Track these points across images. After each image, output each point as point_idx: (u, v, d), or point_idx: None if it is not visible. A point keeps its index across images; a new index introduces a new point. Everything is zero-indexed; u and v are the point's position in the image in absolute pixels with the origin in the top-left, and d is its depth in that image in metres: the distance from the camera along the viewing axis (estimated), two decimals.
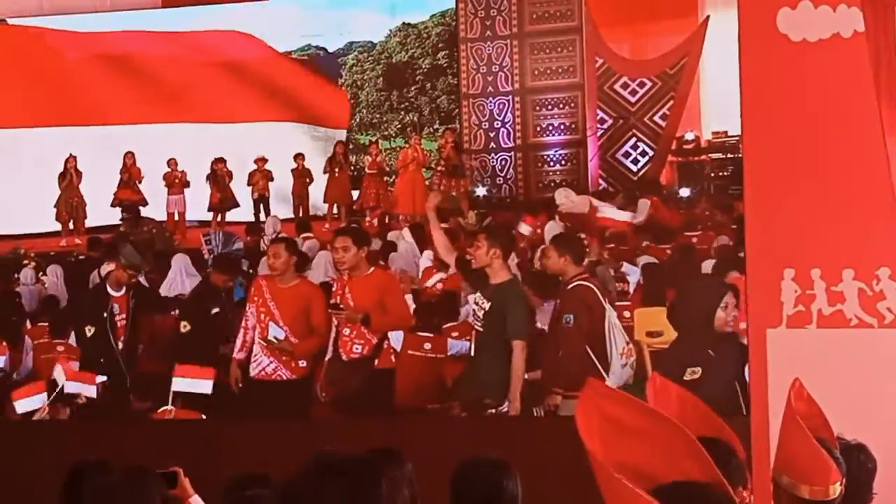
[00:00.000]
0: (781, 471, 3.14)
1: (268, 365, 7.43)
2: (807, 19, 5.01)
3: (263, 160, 17.26)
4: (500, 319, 6.64)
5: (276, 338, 7.31)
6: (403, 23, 18.62)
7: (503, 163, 17.91)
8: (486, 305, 6.68)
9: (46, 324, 11.07)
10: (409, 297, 9.33)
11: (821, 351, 5.00)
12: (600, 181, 17.35)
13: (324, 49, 18.65)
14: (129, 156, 17.37)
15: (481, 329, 6.72)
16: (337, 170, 17.37)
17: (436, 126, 18.42)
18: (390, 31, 18.72)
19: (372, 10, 18.67)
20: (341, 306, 7.29)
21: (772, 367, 5.02)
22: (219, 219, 17.25)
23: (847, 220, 5.03)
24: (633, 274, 9.90)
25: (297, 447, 4.43)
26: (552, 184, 16.70)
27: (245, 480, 4.25)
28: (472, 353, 6.76)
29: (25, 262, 14.90)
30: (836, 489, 3.06)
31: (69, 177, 17.21)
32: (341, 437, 6.39)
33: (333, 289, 7.57)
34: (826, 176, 5.02)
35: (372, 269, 7.50)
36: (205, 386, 7.77)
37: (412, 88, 18.50)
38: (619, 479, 2.26)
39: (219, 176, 17.23)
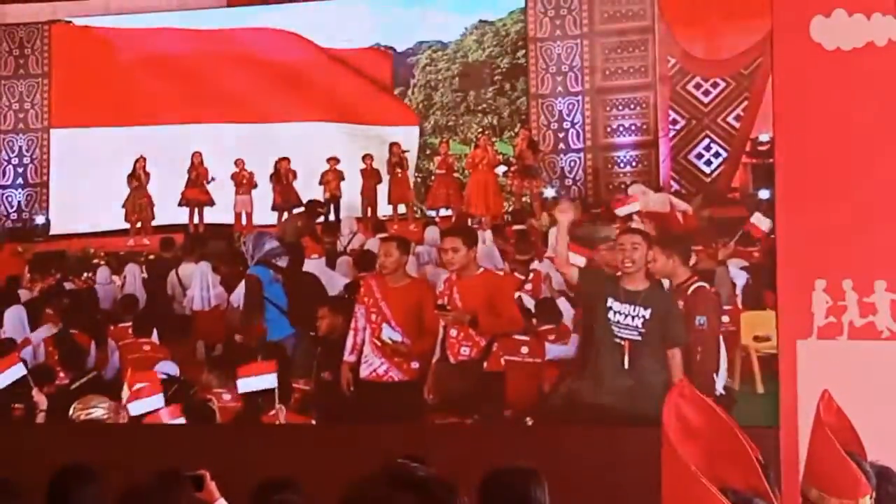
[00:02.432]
0: (810, 483, 3.10)
1: (379, 366, 7.29)
2: (841, 27, 4.90)
3: (336, 160, 17.11)
4: (660, 326, 6.45)
5: (391, 339, 7.17)
6: (480, 20, 18.25)
7: (572, 164, 17.68)
8: (646, 313, 6.48)
9: (129, 323, 10.98)
10: None
11: (851, 363, 4.88)
12: (672, 183, 17.08)
13: (392, 48, 18.41)
14: (197, 155, 17.32)
15: (639, 338, 6.50)
16: (399, 170, 17.22)
17: (516, 129, 18.08)
18: (466, 28, 18.33)
19: (443, 9, 18.39)
20: (448, 307, 7.15)
21: (801, 379, 4.93)
22: (283, 218, 17.13)
23: (880, 231, 4.93)
24: (740, 278, 9.67)
25: (397, 450, 4.28)
26: (622, 185, 16.44)
27: (273, 486, 4.15)
28: (626, 364, 6.55)
29: (96, 261, 14.91)
30: (866, 502, 3.02)
31: (138, 178, 17.18)
32: (450, 440, 6.23)
33: (440, 289, 7.41)
34: (859, 186, 4.91)
35: (481, 269, 7.35)
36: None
37: (490, 89, 18.17)
38: (698, 476, 2.24)
39: (281, 175, 17.12)
